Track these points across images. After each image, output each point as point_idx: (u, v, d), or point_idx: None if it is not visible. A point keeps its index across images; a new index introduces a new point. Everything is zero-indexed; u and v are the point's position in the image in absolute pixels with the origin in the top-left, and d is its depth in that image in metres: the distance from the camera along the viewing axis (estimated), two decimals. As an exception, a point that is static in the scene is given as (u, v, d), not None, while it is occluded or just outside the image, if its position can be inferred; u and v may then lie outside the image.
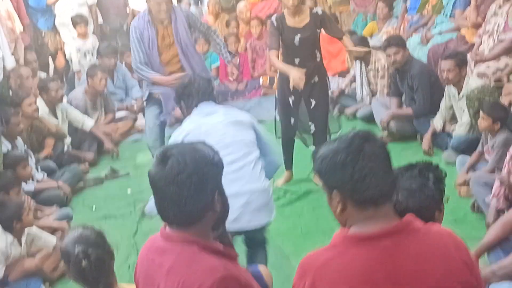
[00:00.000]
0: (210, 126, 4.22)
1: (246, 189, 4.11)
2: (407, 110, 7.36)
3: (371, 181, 2.20)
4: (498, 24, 7.01)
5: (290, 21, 5.99)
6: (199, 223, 2.41)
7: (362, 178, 2.20)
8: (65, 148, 7.61)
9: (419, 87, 7.14)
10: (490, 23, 7.14)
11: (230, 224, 3.75)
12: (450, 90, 6.80)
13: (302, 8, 6.03)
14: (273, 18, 6.11)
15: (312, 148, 6.35)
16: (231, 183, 3.75)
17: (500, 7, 7.06)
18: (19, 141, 6.65)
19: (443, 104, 6.91)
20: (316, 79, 6.14)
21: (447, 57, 6.73)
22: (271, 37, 6.03)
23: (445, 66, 6.63)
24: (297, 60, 6.04)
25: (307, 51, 6.06)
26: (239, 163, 4.17)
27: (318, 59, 6.14)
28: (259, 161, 4.30)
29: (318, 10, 6.13)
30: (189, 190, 2.34)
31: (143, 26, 6.16)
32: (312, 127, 6.28)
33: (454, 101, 6.76)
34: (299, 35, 5.97)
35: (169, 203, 2.38)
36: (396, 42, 7.27)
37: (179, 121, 6.84)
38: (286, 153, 6.44)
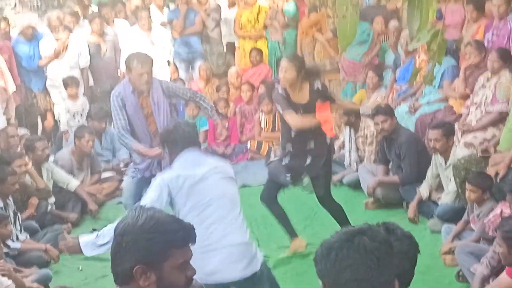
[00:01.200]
0: (200, 177, 4.27)
1: (233, 242, 4.21)
2: (393, 178, 7.38)
3: (351, 275, 2.01)
4: (486, 96, 7.10)
5: (293, 96, 6.00)
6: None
7: (342, 270, 2.01)
8: (49, 208, 7.53)
9: (406, 155, 7.17)
10: (478, 95, 7.24)
11: (212, 277, 3.84)
12: (437, 159, 6.84)
13: (302, 84, 6.01)
14: (278, 86, 6.05)
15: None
16: (221, 238, 4.01)
17: (488, 79, 7.17)
18: (10, 200, 6.63)
19: (429, 173, 6.93)
20: (312, 145, 6.13)
21: (435, 127, 6.81)
22: (282, 101, 5.96)
23: (433, 135, 6.70)
24: (293, 133, 6.09)
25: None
26: (228, 218, 4.25)
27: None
28: (242, 214, 4.37)
29: (318, 85, 6.10)
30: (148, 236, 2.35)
31: (125, 95, 6.19)
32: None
33: (441, 170, 6.79)
34: (301, 110, 5.99)
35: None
36: (384, 110, 7.34)
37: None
38: (281, 218, 6.36)
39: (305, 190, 6.39)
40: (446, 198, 6.61)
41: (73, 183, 7.86)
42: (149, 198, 4.17)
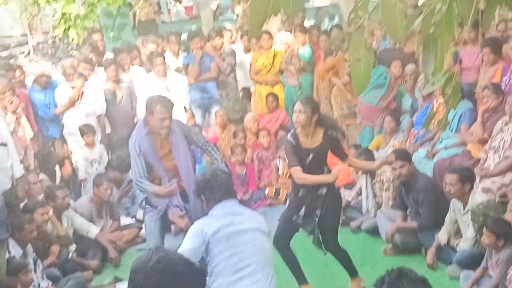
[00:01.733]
0: (240, 230, 4.33)
1: None
2: (412, 224, 7.30)
3: None
4: (504, 140, 7.05)
5: (303, 141, 6.03)
6: None
7: None
8: (70, 255, 7.57)
9: (424, 201, 7.10)
10: (496, 139, 7.18)
11: None
12: (455, 204, 6.77)
13: (316, 129, 6.05)
14: (290, 136, 6.13)
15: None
16: None
17: (506, 123, 7.12)
18: (29, 247, 6.65)
19: (448, 218, 6.86)
20: (324, 190, 6.14)
21: (451, 171, 6.81)
22: (291, 155, 6.04)
23: (449, 180, 6.69)
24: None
25: (316, 168, 6.10)
26: (258, 275, 4.26)
27: (325, 172, 6.14)
28: (273, 275, 4.39)
29: (333, 133, 6.16)
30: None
31: (140, 139, 6.22)
32: (321, 237, 6.24)
33: (459, 215, 6.71)
34: (311, 155, 6.00)
35: None
36: (402, 156, 7.28)
37: (183, 231, 6.88)
38: (291, 263, 6.31)
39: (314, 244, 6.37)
40: (464, 244, 6.52)
41: (93, 230, 7.89)
42: (185, 246, 4.22)
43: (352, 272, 6.43)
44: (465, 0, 2.80)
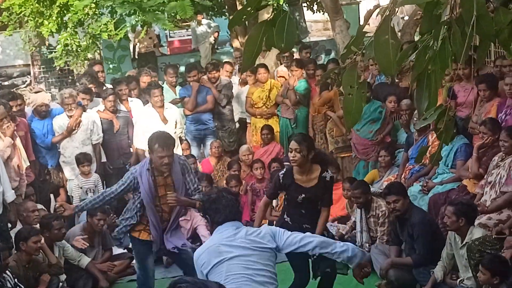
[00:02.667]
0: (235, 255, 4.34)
1: None
2: (406, 259, 7.25)
3: None
4: (500, 175, 7.04)
5: (298, 179, 6.04)
6: None
7: None
8: (60, 285, 7.51)
9: (419, 236, 7.07)
10: (492, 174, 7.18)
11: None
12: (451, 237, 6.72)
13: (312, 167, 6.06)
14: (281, 174, 6.18)
15: None
16: None
17: (502, 159, 7.11)
18: (8, 274, 6.59)
19: (444, 253, 6.84)
20: (308, 226, 6.13)
21: (449, 203, 6.82)
22: (272, 188, 6.15)
23: (446, 211, 6.66)
24: (294, 212, 6.16)
25: (309, 206, 6.16)
26: None
27: (321, 211, 6.16)
28: None
29: (327, 175, 6.18)
30: None
31: (140, 172, 6.24)
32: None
33: (455, 249, 6.67)
34: (303, 195, 6.00)
35: None
36: (397, 190, 7.28)
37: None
38: None
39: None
40: (469, 282, 6.45)
41: (84, 259, 7.88)
42: None
43: None
44: (458, 37, 2.83)
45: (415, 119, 8.97)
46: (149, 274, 6.65)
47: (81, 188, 9.59)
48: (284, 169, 6.24)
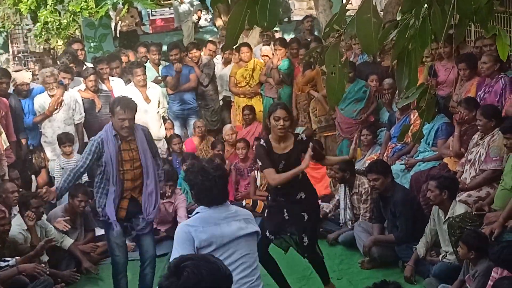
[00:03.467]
0: (223, 242, 4.30)
1: None
2: (389, 237, 7.33)
3: None
4: (480, 154, 7.09)
5: (275, 147, 6.06)
6: None
7: None
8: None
9: (402, 213, 7.13)
10: (472, 153, 7.24)
11: None
12: (435, 213, 6.78)
13: (288, 134, 6.11)
14: (262, 141, 6.22)
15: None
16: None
17: (481, 138, 7.16)
18: None
19: (427, 229, 6.90)
20: (302, 195, 6.21)
21: (432, 178, 6.92)
22: (263, 159, 6.05)
23: (430, 186, 6.73)
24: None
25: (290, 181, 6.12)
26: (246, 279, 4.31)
27: (300, 177, 6.17)
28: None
29: (303, 136, 6.28)
30: None
31: (106, 138, 6.23)
32: (306, 240, 6.26)
33: (439, 223, 6.73)
34: (283, 162, 6.02)
35: None
36: (377, 169, 7.33)
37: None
38: (274, 272, 6.36)
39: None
40: (451, 257, 6.52)
41: (67, 241, 7.83)
42: (176, 254, 4.13)
43: (326, 280, 6.49)
44: (439, 16, 2.84)
45: (397, 98, 9.00)
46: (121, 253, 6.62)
47: (62, 168, 9.52)
48: (261, 140, 6.27)
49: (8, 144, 8.81)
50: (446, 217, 6.59)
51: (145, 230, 6.56)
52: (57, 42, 15.36)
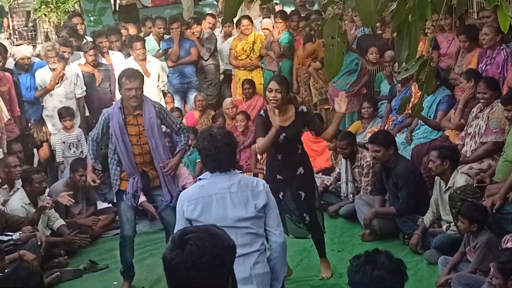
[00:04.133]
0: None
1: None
2: (390, 209, 7.33)
3: None
4: (480, 126, 7.07)
5: (275, 119, 6.01)
6: None
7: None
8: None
9: (404, 185, 7.12)
10: (472, 126, 7.22)
11: None
12: (437, 182, 6.80)
13: (287, 107, 6.08)
14: (262, 112, 6.21)
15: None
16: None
17: (481, 110, 7.14)
18: None
19: (432, 200, 6.89)
20: (302, 170, 6.21)
21: (433, 148, 6.91)
22: (258, 128, 6.05)
23: (431, 156, 6.72)
24: (279, 156, 6.12)
25: (289, 147, 6.12)
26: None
27: (300, 151, 6.16)
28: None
29: (303, 108, 6.24)
30: (208, 274, 2.36)
31: (112, 112, 6.26)
32: (307, 218, 6.30)
33: (440, 193, 6.73)
34: (283, 134, 5.99)
35: (187, 287, 2.39)
36: (378, 140, 7.30)
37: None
38: None
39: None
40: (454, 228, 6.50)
41: (58, 223, 7.81)
42: (179, 226, 4.12)
43: (322, 253, 6.52)
44: (438, -14, 2.81)
45: (397, 69, 8.96)
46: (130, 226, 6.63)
47: (63, 142, 9.54)
48: (262, 111, 6.25)
49: (8, 117, 8.75)
50: (447, 187, 6.59)
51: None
52: (57, 17, 15.28)
